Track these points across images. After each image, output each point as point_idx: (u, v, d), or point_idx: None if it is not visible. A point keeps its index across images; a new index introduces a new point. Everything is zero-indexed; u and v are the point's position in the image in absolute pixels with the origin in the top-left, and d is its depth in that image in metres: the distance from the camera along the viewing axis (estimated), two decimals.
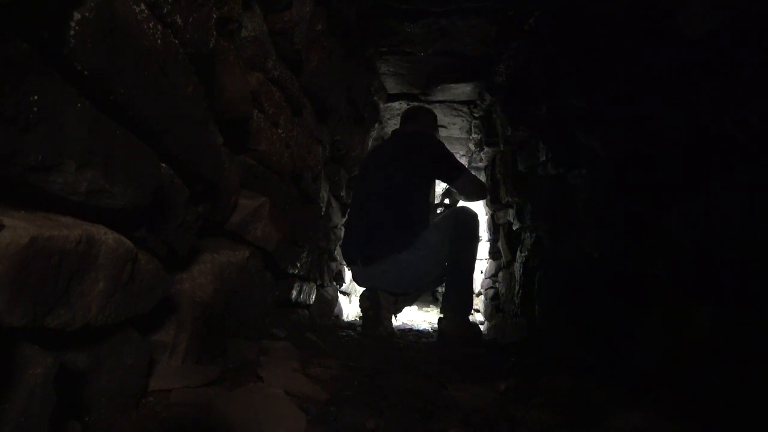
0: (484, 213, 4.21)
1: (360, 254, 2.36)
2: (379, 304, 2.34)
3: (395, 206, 2.30)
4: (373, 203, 2.35)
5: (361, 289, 2.63)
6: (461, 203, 2.84)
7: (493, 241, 3.77)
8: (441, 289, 2.61)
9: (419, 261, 2.29)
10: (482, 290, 4.25)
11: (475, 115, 3.82)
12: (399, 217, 2.28)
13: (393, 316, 2.50)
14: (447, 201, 3.00)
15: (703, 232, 1.15)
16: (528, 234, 2.73)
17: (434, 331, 3.04)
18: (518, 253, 2.88)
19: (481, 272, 4.39)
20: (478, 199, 2.71)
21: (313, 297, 2.41)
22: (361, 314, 2.53)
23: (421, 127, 2.62)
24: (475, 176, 2.60)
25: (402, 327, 3.36)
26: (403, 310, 3.04)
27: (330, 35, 2.06)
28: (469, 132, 4.14)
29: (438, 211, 2.90)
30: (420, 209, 2.38)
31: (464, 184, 2.50)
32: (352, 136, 2.91)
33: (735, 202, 1.05)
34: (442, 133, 4.25)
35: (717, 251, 1.10)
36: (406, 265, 2.28)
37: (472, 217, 2.44)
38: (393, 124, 4.13)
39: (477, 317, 4.32)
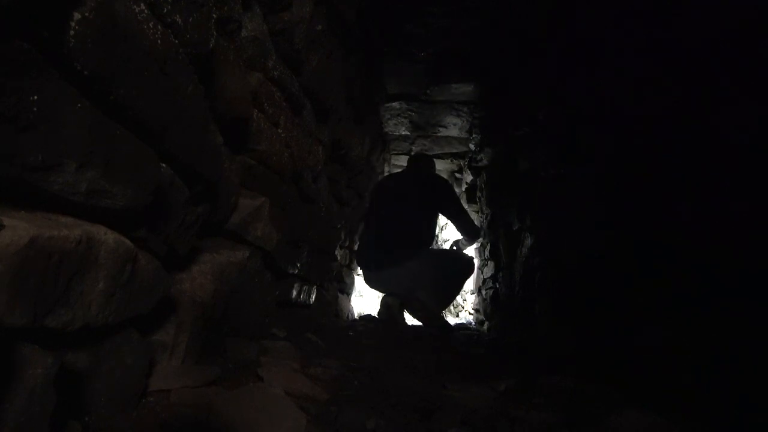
0: (485, 216, 4.21)
1: (373, 260, 2.99)
2: (392, 308, 3.01)
3: (407, 228, 2.96)
4: (390, 224, 2.96)
5: (360, 290, 3.07)
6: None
7: (493, 241, 3.77)
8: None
9: (416, 269, 2.92)
10: (482, 290, 4.24)
11: (475, 115, 3.82)
12: (408, 236, 2.95)
13: (403, 316, 3.17)
14: (454, 248, 3.58)
15: (703, 233, 1.15)
16: (528, 234, 2.73)
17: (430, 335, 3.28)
18: (518, 253, 2.88)
19: (481, 272, 4.39)
20: (472, 236, 3.30)
21: (314, 297, 2.41)
22: (378, 317, 3.19)
23: (431, 170, 3.35)
24: (473, 220, 3.28)
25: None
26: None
27: (330, 35, 2.06)
28: (469, 132, 4.14)
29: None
30: (425, 233, 3.05)
31: (463, 223, 3.15)
32: (352, 136, 2.91)
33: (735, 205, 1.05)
34: (442, 133, 4.27)
35: (718, 254, 1.10)
36: (405, 272, 2.91)
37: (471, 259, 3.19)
38: (393, 125, 4.13)
39: (476, 317, 4.31)
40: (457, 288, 3.20)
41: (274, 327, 1.68)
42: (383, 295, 3.20)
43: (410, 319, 3.97)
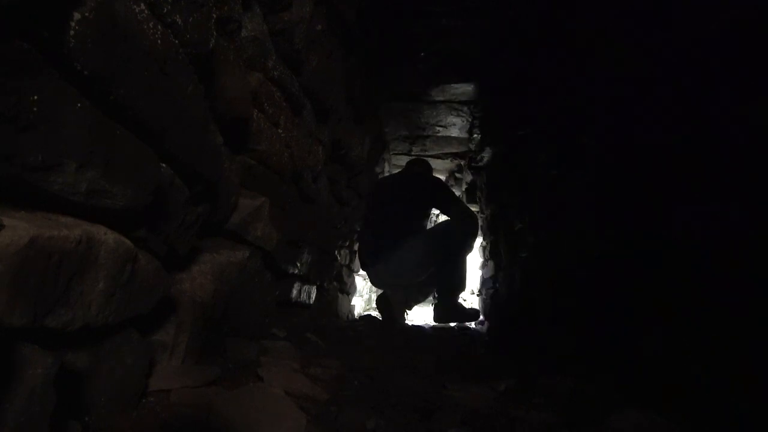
0: (485, 216, 4.21)
1: (371, 257, 3.10)
2: (391, 306, 3.06)
3: (402, 225, 3.05)
4: (387, 222, 3.07)
5: (360, 290, 3.22)
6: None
7: (493, 241, 3.77)
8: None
9: (412, 254, 2.96)
10: (482, 290, 4.25)
11: (476, 115, 3.82)
12: (403, 232, 3.03)
13: (405, 314, 3.21)
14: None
15: (704, 233, 1.15)
16: (528, 234, 2.73)
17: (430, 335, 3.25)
18: (518, 253, 2.88)
19: (481, 273, 4.39)
20: (469, 225, 3.15)
21: (314, 297, 2.41)
22: (377, 308, 3.27)
23: (426, 172, 3.47)
24: (467, 207, 3.22)
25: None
26: (414, 309, 3.79)
27: (330, 35, 2.06)
28: (469, 132, 4.14)
29: None
30: (416, 223, 3.15)
31: (457, 212, 3.10)
32: (352, 136, 2.91)
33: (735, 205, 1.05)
34: (442, 133, 4.27)
35: (717, 254, 1.10)
36: (402, 260, 2.96)
37: (465, 228, 3.11)
38: (393, 125, 4.13)
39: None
40: (457, 262, 3.06)
41: (274, 327, 1.68)
42: (382, 292, 3.27)
43: (410, 319, 3.97)
